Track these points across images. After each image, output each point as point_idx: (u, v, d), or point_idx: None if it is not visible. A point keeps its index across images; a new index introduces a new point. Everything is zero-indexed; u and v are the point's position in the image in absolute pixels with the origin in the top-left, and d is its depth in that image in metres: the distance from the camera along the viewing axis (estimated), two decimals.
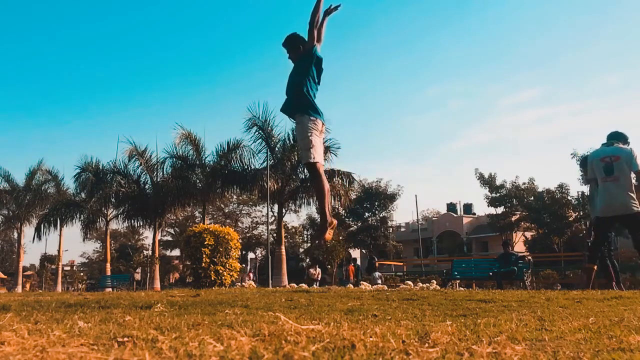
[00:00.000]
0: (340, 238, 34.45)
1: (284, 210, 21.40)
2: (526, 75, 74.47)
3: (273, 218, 27.71)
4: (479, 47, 78.71)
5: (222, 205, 40.42)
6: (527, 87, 75.14)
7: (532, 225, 34.29)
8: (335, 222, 4.54)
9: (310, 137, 4.26)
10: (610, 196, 5.57)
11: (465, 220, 47.71)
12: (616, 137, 5.84)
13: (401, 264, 26.55)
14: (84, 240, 26.39)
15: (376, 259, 21.35)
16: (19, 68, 78.70)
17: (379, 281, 16.42)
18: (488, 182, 34.65)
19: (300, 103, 4.33)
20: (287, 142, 19.99)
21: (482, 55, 79.06)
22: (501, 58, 78.02)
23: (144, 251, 48.24)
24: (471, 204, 51.25)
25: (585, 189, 31.63)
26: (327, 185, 4.43)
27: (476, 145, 77.21)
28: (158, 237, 24.10)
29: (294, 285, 13.30)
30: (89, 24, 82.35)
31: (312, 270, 20.56)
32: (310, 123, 4.26)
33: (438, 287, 9.73)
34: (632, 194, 5.49)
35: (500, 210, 35.53)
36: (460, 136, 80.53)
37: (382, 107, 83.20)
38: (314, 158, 4.25)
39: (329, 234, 4.40)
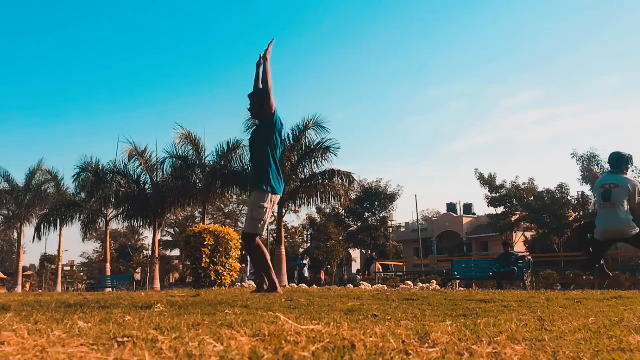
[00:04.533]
0: (341, 238, 34.46)
1: (283, 211, 21.40)
2: (526, 76, 74.55)
3: (273, 218, 27.71)
4: (479, 48, 78.72)
5: (222, 206, 40.44)
6: (527, 88, 75.21)
7: (532, 225, 34.28)
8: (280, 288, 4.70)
9: (263, 211, 4.51)
10: (606, 222, 5.76)
11: (465, 220, 47.69)
12: (617, 163, 5.92)
13: (401, 264, 26.47)
14: (83, 240, 26.35)
15: (376, 259, 21.23)
16: (19, 67, 78.75)
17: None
18: (488, 182, 34.65)
19: (262, 177, 4.56)
20: (287, 142, 19.99)
21: (482, 56, 79.10)
22: (501, 59, 78.06)
23: (144, 251, 48.25)
24: (471, 204, 51.26)
25: (585, 189, 31.79)
26: (267, 252, 4.67)
27: (476, 145, 77.29)
28: (158, 237, 24.08)
29: (294, 285, 13.29)
30: (88, 24, 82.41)
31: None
32: (267, 197, 4.51)
33: (438, 287, 9.72)
34: (628, 219, 5.65)
35: (500, 210, 35.53)
36: (461, 136, 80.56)
37: (382, 108, 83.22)
38: (258, 230, 4.54)
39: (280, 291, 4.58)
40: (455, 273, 11.44)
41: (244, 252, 12.12)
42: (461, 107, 78.09)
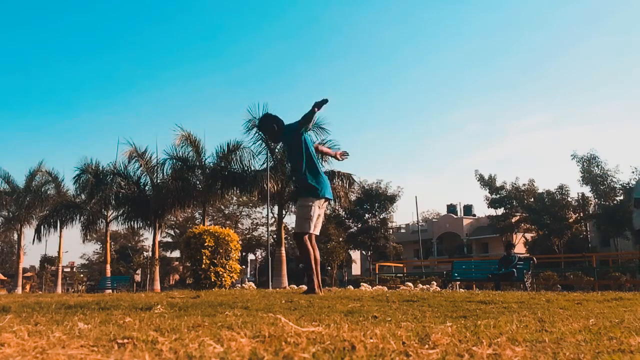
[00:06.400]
0: (341, 240, 34.42)
1: (284, 212, 21.40)
2: (536, 102, 74.88)
3: (273, 219, 27.71)
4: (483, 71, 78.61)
5: (222, 207, 40.41)
6: (536, 113, 75.53)
7: (532, 226, 34.31)
8: (322, 295, 4.58)
9: (310, 210, 4.58)
10: None
11: (466, 221, 47.69)
12: None
13: (401, 265, 26.48)
14: (84, 241, 26.38)
15: None
16: (19, 69, 78.83)
17: None
18: (488, 183, 34.72)
19: (304, 188, 4.66)
20: None
21: (492, 81, 79.16)
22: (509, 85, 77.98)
23: (144, 252, 48.28)
24: (471, 205, 51.29)
25: (585, 190, 31.92)
26: (315, 254, 4.67)
27: (479, 155, 77.37)
28: (158, 238, 24.06)
29: (294, 286, 13.28)
30: (87, 25, 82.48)
31: None
32: (311, 203, 4.59)
33: (438, 289, 9.71)
34: None
35: (500, 211, 35.57)
36: (473, 153, 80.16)
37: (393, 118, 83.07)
38: (307, 229, 4.58)
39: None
40: (456, 274, 11.44)
41: (243, 254, 12.11)
42: (476, 129, 78.43)
